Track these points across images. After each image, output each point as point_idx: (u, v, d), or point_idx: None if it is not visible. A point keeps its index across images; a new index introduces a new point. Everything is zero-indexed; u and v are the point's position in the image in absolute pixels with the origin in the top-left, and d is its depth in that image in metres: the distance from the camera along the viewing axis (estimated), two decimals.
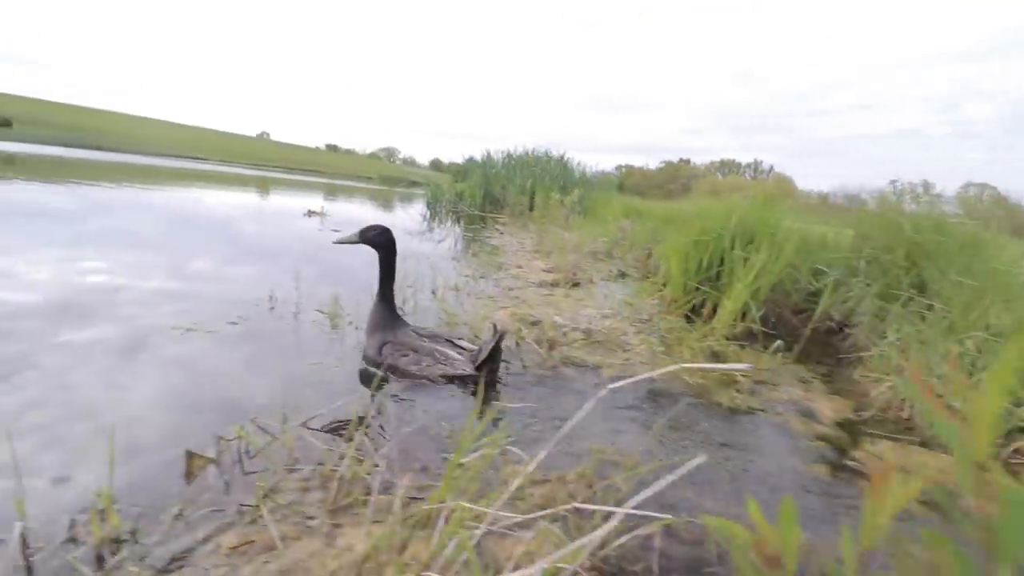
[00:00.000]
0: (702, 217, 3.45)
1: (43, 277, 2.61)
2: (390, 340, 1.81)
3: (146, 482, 1.12)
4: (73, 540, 0.98)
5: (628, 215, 8.21)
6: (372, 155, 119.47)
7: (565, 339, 2.49)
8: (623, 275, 4.56)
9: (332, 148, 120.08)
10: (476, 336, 2.36)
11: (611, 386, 0.97)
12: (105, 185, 9.18)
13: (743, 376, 2.22)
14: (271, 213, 7.77)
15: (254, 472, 1.21)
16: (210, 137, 64.76)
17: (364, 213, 9.65)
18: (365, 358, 1.89)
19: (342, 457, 1.24)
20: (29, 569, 0.91)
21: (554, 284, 3.89)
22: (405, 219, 8.88)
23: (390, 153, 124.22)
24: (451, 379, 1.74)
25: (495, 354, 1.75)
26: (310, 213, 7.20)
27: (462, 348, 1.81)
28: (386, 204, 14.09)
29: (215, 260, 3.55)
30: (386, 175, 56.08)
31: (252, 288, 2.85)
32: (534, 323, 2.65)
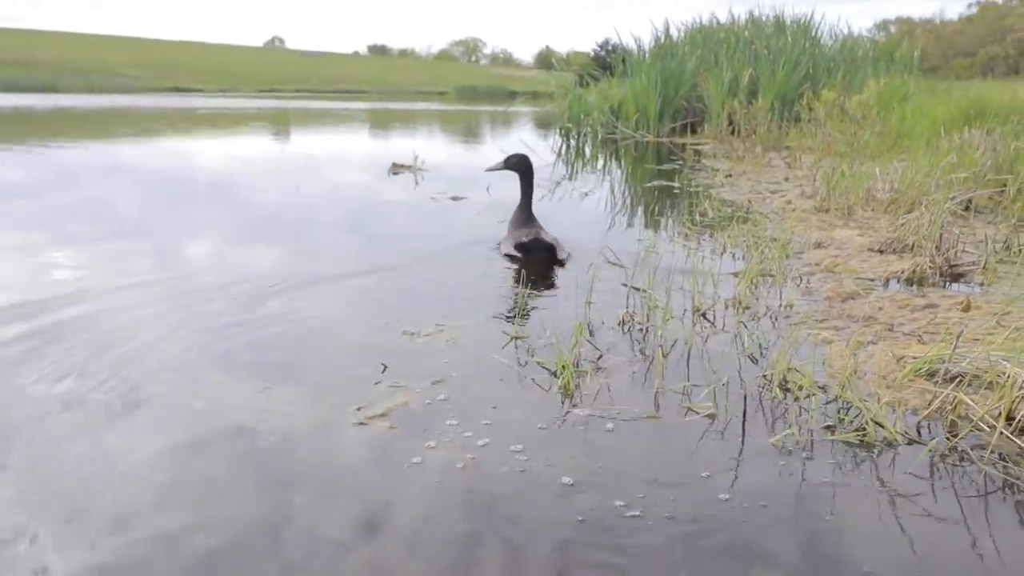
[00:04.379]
0: None
1: None
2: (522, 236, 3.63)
3: None
4: None
5: (968, 120, 7.09)
6: (442, 55, 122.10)
7: None
8: None
9: (378, 50, 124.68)
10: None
11: None
12: (66, 144, 10.17)
13: None
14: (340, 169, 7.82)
15: None
16: (199, 55, 70.54)
17: (468, 160, 9.52)
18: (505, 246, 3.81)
19: None
20: None
21: (915, 280, 3.23)
22: (533, 160, 8.51)
23: (471, 48, 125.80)
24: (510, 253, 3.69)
25: (523, 248, 3.56)
26: (397, 168, 7.09)
27: (534, 233, 3.64)
28: (492, 136, 14.01)
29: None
30: (466, 86, 57.39)
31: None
32: (959, 379, 2.01)
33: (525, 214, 3.86)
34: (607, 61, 27.12)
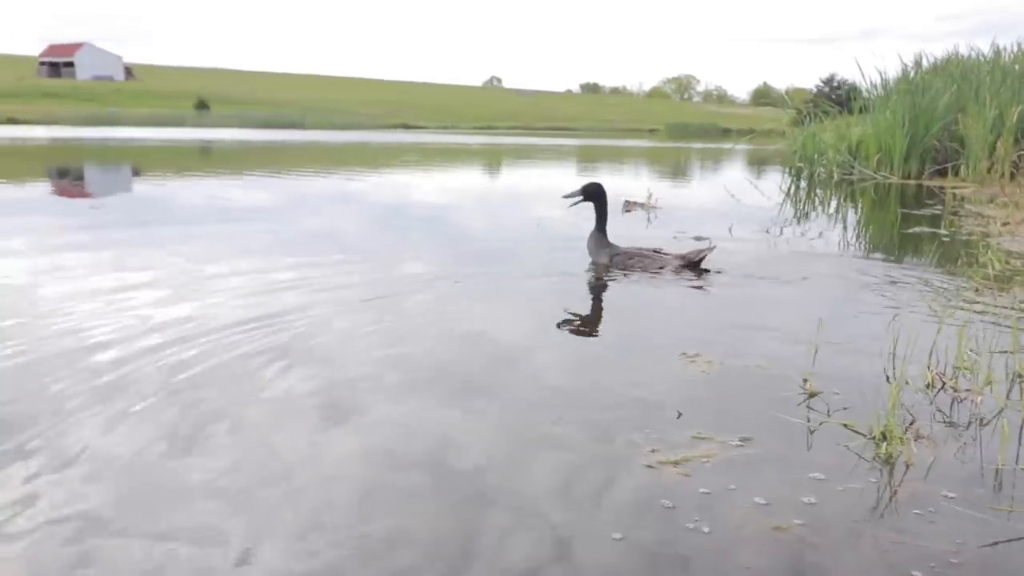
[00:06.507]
0: None
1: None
2: (617, 253, 4.26)
3: None
4: None
5: None
6: (654, 92, 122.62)
7: None
8: None
9: (590, 88, 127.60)
10: None
11: None
12: (308, 174, 11.32)
13: None
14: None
15: None
16: (423, 94, 75.41)
17: (695, 199, 9.38)
18: (595, 266, 4.29)
19: None
20: None
21: None
22: (758, 199, 8.10)
23: (683, 86, 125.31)
24: (674, 268, 4.13)
25: (700, 262, 4.13)
26: (629, 205, 6.98)
27: (666, 251, 4.27)
28: (702, 173, 13.67)
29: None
30: (677, 123, 56.87)
31: None
32: None
33: (604, 236, 4.36)
34: (832, 97, 25.77)
